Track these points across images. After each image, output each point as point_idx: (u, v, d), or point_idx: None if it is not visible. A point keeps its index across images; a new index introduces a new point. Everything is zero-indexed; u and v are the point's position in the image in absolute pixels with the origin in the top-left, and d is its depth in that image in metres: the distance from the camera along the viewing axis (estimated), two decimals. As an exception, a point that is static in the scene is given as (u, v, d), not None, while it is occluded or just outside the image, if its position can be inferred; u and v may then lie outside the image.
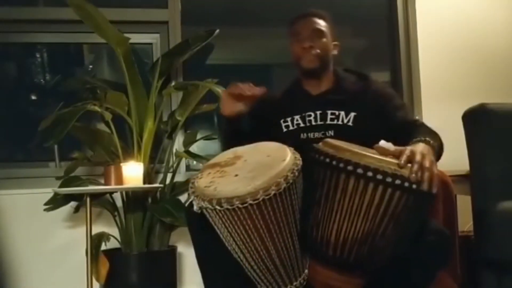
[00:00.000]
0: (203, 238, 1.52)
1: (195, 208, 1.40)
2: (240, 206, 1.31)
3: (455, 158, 2.20)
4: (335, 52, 1.85)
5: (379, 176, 1.24)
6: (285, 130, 1.80)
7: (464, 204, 2.34)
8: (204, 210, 1.39)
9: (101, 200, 2.45)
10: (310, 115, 1.77)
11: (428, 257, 1.41)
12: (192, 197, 1.41)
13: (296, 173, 1.36)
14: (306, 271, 1.47)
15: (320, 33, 1.80)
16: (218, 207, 1.33)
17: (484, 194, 1.98)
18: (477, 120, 2.04)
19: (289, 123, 1.79)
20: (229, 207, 1.32)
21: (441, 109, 2.88)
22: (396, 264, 1.35)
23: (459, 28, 3.05)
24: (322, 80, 1.82)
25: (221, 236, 1.43)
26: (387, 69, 3.18)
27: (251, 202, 1.31)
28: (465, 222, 2.49)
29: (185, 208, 1.61)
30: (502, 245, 1.86)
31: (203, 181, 1.43)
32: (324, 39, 1.80)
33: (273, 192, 1.31)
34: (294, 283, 1.46)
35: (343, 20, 3.17)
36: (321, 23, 1.81)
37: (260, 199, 1.31)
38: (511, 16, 3.12)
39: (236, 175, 1.40)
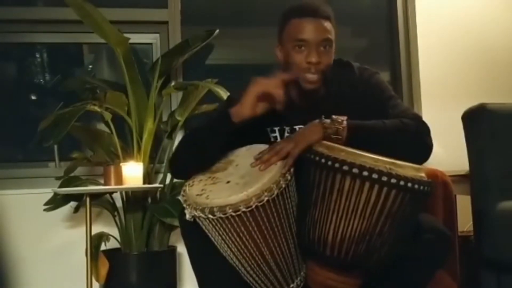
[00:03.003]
0: (197, 245, 1.50)
1: (187, 217, 1.39)
2: (233, 214, 1.30)
3: (455, 158, 2.21)
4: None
5: (375, 175, 1.24)
6: (273, 140, 1.61)
7: (464, 204, 2.34)
8: (197, 219, 1.38)
9: (101, 200, 2.45)
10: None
11: (426, 256, 1.40)
12: (184, 206, 1.41)
13: (289, 177, 1.36)
14: (303, 272, 1.47)
15: (329, 43, 1.53)
16: (210, 216, 1.32)
17: (484, 194, 1.97)
18: (477, 120, 2.03)
19: (277, 134, 1.61)
20: (222, 216, 1.31)
21: (441, 109, 2.88)
22: (394, 263, 1.35)
23: (459, 28, 3.05)
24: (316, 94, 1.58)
25: (215, 242, 1.43)
26: (387, 69, 3.18)
27: (244, 209, 1.30)
28: (465, 222, 2.49)
29: (178, 216, 1.56)
30: (502, 245, 1.85)
31: (194, 188, 1.42)
32: (331, 51, 1.55)
33: (266, 199, 1.31)
34: (291, 285, 1.45)
35: (343, 20, 3.18)
36: (330, 29, 1.54)
37: (253, 206, 1.30)
38: (511, 16, 3.11)
39: (228, 182, 1.40)
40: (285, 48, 1.57)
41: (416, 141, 1.47)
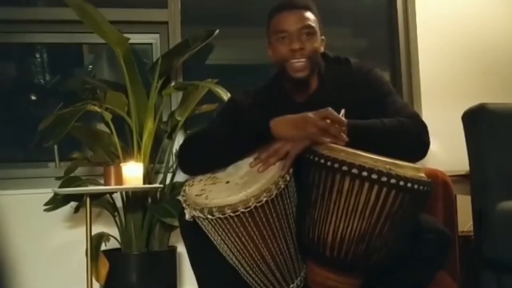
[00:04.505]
0: (197, 245, 1.50)
1: (187, 217, 1.39)
2: (232, 214, 1.30)
3: (455, 158, 2.21)
4: (321, 49, 1.63)
5: (374, 176, 1.23)
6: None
7: (464, 204, 2.34)
8: (197, 219, 1.39)
9: (101, 200, 2.45)
10: None
11: (426, 256, 1.40)
12: (183, 206, 1.41)
13: (288, 178, 1.36)
14: (303, 272, 1.47)
15: (310, 30, 1.55)
16: (209, 216, 1.32)
17: (484, 194, 1.97)
18: (477, 120, 2.03)
19: None
20: (221, 216, 1.31)
21: (441, 109, 2.88)
22: (394, 264, 1.35)
23: (459, 28, 3.05)
24: (308, 85, 1.61)
25: (214, 242, 1.43)
26: (387, 69, 3.18)
27: (242, 210, 1.30)
28: (465, 222, 2.49)
29: (178, 216, 1.56)
30: (502, 245, 1.85)
31: (194, 188, 1.42)
32: (314, 38, 1.56)
33: (264, 199, 1.30)
34: (291, 286, 1.45)
35: (343, 20, 3.18)
36: (311, 17, 1.56)
37: (252, 206, 1.30)
38: (511, 16, 3.11)
39: (228, 182, 1.40)
40: (272, 45, 1.60)
41: (414, 140, 1.47)
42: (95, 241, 2.24)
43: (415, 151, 1.47)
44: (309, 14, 1.56)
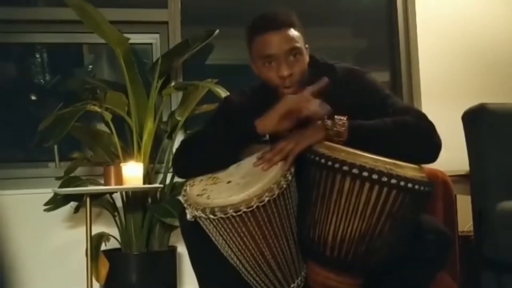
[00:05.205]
0: (198, 245, 1.50)
1: (188, 217, 1.38)
2: (234, 214, 1.30)
3: (455, 158, 2.21)
4: (307, 58, 1.55)
5: (375, 176, 1.23)
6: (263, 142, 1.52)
7: (464, 204, 2.34)
8: (198, 219, 1.38)
9: (101, 200, 2.45)
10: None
11: (426, 256, 1.39)
12: (184, 206, 1.40)
13: (289, 177, 1.35)
14: (304, 272, 1.47)
15: (298, 51, 1.49)
16: (211, 216, 1.32)
17: (484, 194, 1.98)
18: (477, 120, 2.03)
19: (268, 137, 1.51)
20: (223, 216, 1.31)
21: (441, 109, 2.87)
22: (394, 264, 1.35)
23: (459, 28, 3.05)
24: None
25: (216, 242, 1.43)
26: (387, 69, 3.18)
27: (245, 210, 1.30)
28: (465, 222, 2.49)
29: (178, 216, 1.55)
30: (502, 245, 1.85)
31: (195, 188, 1.42)
32: (301, 58, 1.51)
33: (267, 199, 1.30)
34: (292, 285, 1.45)
35: (343, 20, 3.18)
36: (295, 36, 1.49)
37: (254, 206, 1.29)
38: (511, 16, 3.11)
39: (229, 182, 1.39)
40: (257, 66, 1.54)
41: (421, 139, 1.44)
42: (95, 241, 2.24)
43: (425, 152, 1.44)
44: (293, 32, 1.49)
